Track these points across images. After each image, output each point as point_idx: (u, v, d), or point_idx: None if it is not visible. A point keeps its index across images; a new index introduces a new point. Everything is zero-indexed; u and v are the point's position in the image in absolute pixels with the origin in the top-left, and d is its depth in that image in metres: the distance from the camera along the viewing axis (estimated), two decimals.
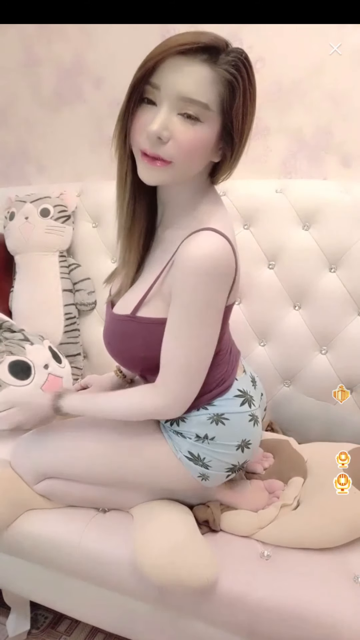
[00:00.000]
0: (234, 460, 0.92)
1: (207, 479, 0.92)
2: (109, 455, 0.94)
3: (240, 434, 0.91)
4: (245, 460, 0.94)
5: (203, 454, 0.90)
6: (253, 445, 0.93)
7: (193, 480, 0.92)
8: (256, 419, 0.94)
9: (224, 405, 0.91)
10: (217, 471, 0.91)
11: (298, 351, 1.31)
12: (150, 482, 0.95)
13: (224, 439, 0.91)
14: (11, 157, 1.82)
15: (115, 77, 1.56)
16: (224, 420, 0.90)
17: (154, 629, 0.97)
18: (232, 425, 0.91)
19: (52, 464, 0.97)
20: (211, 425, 0.90)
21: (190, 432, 0.91)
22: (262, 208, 1.34)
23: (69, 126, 1.68)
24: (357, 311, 1.26)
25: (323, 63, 1.31)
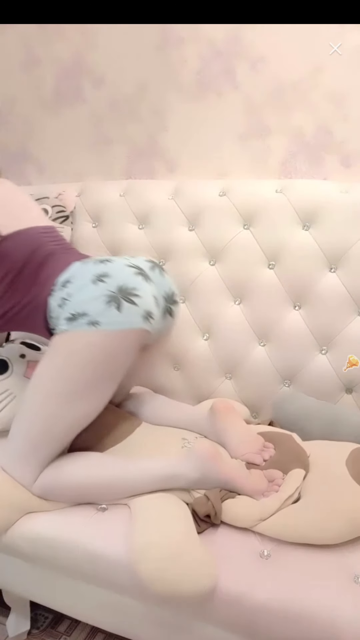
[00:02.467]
0: (100, 292, 0.95)
1: (98, 324, 0.93)
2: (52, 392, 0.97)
3: (88, 275, 0.98)
4: (118, 285, 0.96)
5: (73, 309, 0.95)
6: (111, 273, 0.98)
7: (96, 334, 0.93)
8: (103, 260, 1.02)
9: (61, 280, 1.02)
10: (96, 309, 0.94)
11: (298, 351, 1.31)
12: (91, 374, 0.96)
13: (76, 287, 0.99)
14: (11, 157, 1.82)
15: (115, 77, 1.56)
16: (67, 283, 1.01)
17: (153, 629, 0.97)
18: (77, 278, 1.00)
19: (26, 439, 0.98)
20: (59, 291, 1.00)
21: (55, 316, 1.00)
22: (262, 208, 1.34)
23: (69, 126, 1.68)
24: (357, 311, 1.26)
25: (323, 63, 1.31)
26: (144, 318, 0.97)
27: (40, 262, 1.09)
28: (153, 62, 1.49)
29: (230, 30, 1.38)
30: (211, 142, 1.49)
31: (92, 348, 0.95)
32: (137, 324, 0.97)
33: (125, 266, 1.02)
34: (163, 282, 1.10)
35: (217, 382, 1.41)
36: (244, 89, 1.41)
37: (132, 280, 0.99)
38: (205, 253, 1.41)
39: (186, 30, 1.43)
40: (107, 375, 0.98)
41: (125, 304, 0.95)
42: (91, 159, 1.68)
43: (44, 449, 0.98)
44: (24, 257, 1.08)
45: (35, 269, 1.08)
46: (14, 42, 1.66)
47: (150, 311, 0.99)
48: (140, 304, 0.97)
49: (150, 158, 1.59)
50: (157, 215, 1.47)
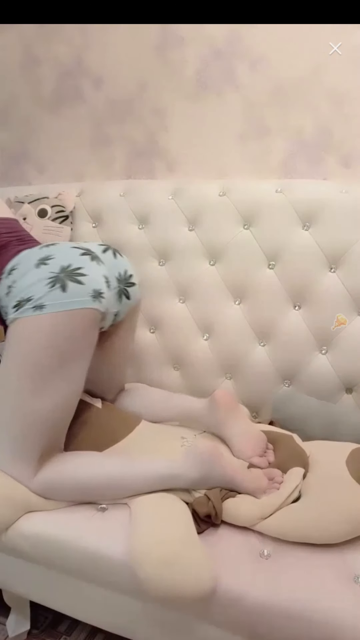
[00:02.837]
0: (43, 274, 0.94)
1: (43, 306, 0.91)
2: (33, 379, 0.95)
3: (32, 260, 0.98)
4: (61, 265, 0.95)
5: (18, 296, 0.95)
6: (55, 254, 0.97)
7: (43, 318, 0.91)
8: (49, 244, 1.02)
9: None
10: (40, 292, 0.92)
11: (298, 351, 1.31)
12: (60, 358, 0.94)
13: (20, 273, 0.99)
14: (11, 157, 1.82)
15: (115, 77, 1.56)
16: (12, 271, 1.00)
17: (153, 629, 0.97)
18: (21, 264, 1.00)
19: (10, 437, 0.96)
20: (6, 279, 1.00)
21: (4, 305, 1.00)
22: (262, 208, 1.34)
23: (69, 126, 1.68)
24: (357, 311, 1.26)
25: (323, 63, 1.31)
26: (93, 297, 0.96)
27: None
28: (153, 62, 1.49)
29: (230, 30, 1.38)
30: (211, 142, 1.49)
31: (41, 332, 0.93)
32: (86, 303, 0.95)
33: (70, 248, 1.02)
34: (117, 264, 1.09)
35: (217, 382, 1.41)
36: (244, 89, 1.41)
37: (77, 260, 0.98)
38: (205, 253, 1.41)
39: (186, 30, 1.43)
40: (67, 357, 0.95)
41: (70, 283, 0.94)
42: (91, 159, 1.68)
43: (31, 443, 0.95)
44: None
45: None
46: (14, 42, 1.66)
47: (98, 290, 0.97)
48: (87, 283, 0.95)
49: (150, 158, 1.59)
50: (157, 215, 1.47)
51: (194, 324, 1.43)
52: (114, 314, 1.07)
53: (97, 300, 0.97)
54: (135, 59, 1.52)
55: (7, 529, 0.97)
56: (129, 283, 1.12)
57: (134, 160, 1.62)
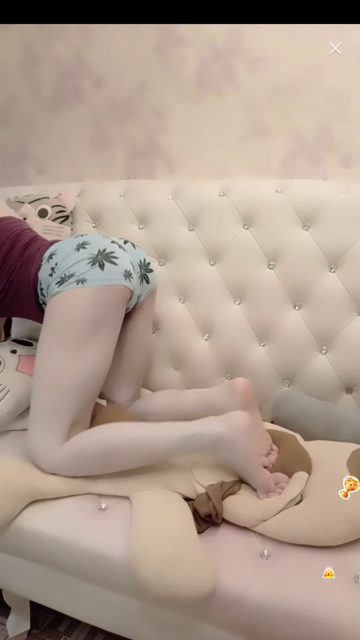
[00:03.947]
0: (83, 255, 1.07)
1: (85, 281, 1.04)
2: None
3: (71, 245, 1.11)
4: (98, 249, 1.08)
5: (62, 274, 1.07)
6: (91, 241, 1.11)
7: (84, 291, 1.04)
8: (81, 235, 1.16)
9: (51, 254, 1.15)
10: (82, 269, 1.05)
11: (298, 351, 1.31)
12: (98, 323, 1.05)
13: (61, 256, 1.11)
14: (11, 157, 1.82)
15: (115, 77, 1.56)
16: (53, 255, 1.13)
17: (153, 629, 0.97)
18: (60, 249, 1.13)
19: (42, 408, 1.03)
20: (47, 264, 1.12)
21: (47, 286, 1.11)
22: (262, 208, 1.34)
23: (69, 126, 1.68)
24: (357, 311, 1.26)
25: (323, 63, 1.31)
26: (124, 276, 1.09)
27: (24, 245, 1.21)
28: (153, 62, 1.49)
29: (230, 30, 1.38)
30: (211, 142, 1.49)
31: (82, 302, 1.04)
32: (119, 280, 1.08)
33: (101, 237, 1.16)
34: (136, 253, 1.22)
35: (217, 382, 1.41)
36: (244, 89, 1.41)
37: (110, 246, 1.11)
38: (205, 253, 1.41)
39: (186, 30, 1.43)
40: (100, 328, 1.05)
41: (107, 264, 1.07)
42: (91, 159, 1.68)
43: (61, 414, 1.01)
44: (11, 240, 1.20)
45: (20, 251, 1.19)
46: (14, 42, 1.66)
47: (129, 270, 1.11)
48: (119, 264, 1.09)
49: (150, 158, 1.59)
50: (157, 215, 1.47)
51: (194, 324, 1.43)
52: (138, 295, 1.19)
53: (127, 279, 1.10)
54: (135, 59, 1.52)
55: (13, 517, 0.97)
56: (148, 269, 1.24)
57: (134, 160, 1.62)
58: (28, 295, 1.18)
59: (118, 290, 1.08)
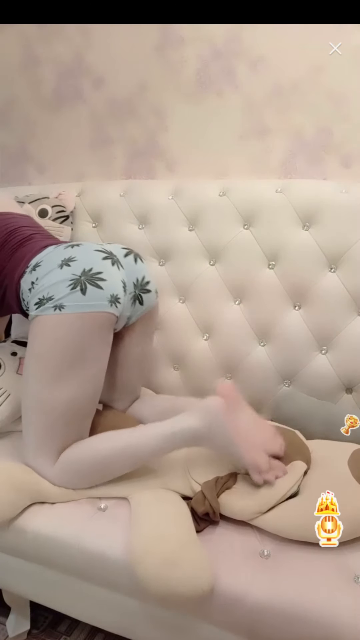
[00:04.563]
0: (65, 275, 0.99)
1: (63, 307, 0.96)
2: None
3: (56, 259, 1.02)
4: (83, 268, 0.99)
5: (40, 295, 0.99)
6: (78, 257, 1.01)
7: (62, 318, 0.96)
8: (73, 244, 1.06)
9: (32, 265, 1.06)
10: (61, 293, 0.97)
11: (298, 351, 1.31)
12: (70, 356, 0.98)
13: (43, 271, 1.02)
14: (11, 157, 1.82)
15: (115, 77, 1.56)
16: (37, 267, 1.05)
17: (153, 629, 0.97)
18: (45, 262, 1.04)
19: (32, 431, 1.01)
20: (29, 275, 1.05)
21: (27, 300, 1.05)
22: (262, 208, 1.34)
23: (69, 126, 1.68)
24: (357, 311, 1.26)
25: (323, 63, 1.31)
26: (110, 302, 1.01)
27: (15, 244, 1.14)
28: (153, 62, 1.49)
29: (230, 30, 1.38)
30: (211, 142, 1.49)
31: (59, 331, 0.98)
32: (102, 307, 1.00)
33: (93, 250, 1.05)
34: (136, 269, 1.13)
35: (217, 382, 1.41)
36: (244, 89, 1.41)
37: (98, 264, 1.02)
38: (205, 253, 1.41)
39: (186, 30, 1.43)
40: (82, 355, 0.99)
41: (89, 287, 0.98)
42: (91, 159, 1.68)
43: (51, 434, 1.00)
44: (2, 238, 1.14)
45: (10, 250, 1.13)
46: (14, 42, 1.66)
47: (116, 295, 1.02)
48: (105, 288, 1.00)
49: (150, 158, 1.59)
50: (157, 215, 1.47)
51: (194, 324, 1.43)
52: (127, 317, 1.12)
53: (113, 305, 1.01)
54: (135, 59, 1.52)
55: (15, 515, 0.97)
56: (145, 289, 1.15)
57: (134, 160, 1.62)
58: (13, 299, 1.13)
59: (100, 317, 1.00)
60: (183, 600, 0.83)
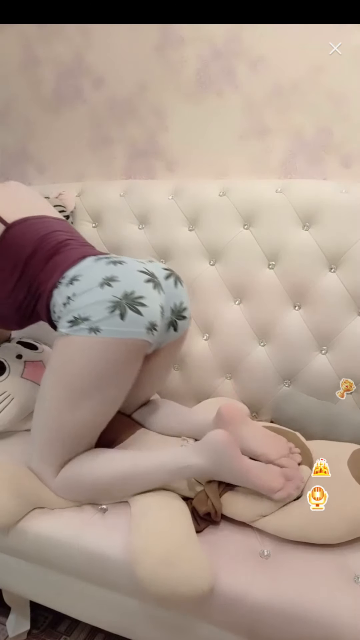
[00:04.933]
0: (105, 296, 0.93)
1: (99, 330, 0.91)
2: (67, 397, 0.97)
3: (97, 276, 0.96)
4: (125, 291, 0.94)
5: (76, 314, 0.93)
6: (120, 277, 0.95)
7: (96, 341, 0.91)
8: (116, 261, 0.99)
9: (70, 275, 1.00)
10: (99, 315, 0.91)
11: (298, 351, 1.31)
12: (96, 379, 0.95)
13: (82, 287, 0.96)
14: (11, 157, 1.82)
15: (115, 77, 1.56)
16: (74, 281, 0.97)
17: (153, 629, 0.97)
18: (84, 277, 0.97)
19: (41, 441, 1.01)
20: (65, 288, 0.98)
21: (59, 313, 0.98)
22: (262, 208, 1.34)
23: (69, 126, 1.68)
24: (357, 311, 1.26)
25: (323, 63, 1.31)
26: (147, 329, 0.95)
27: (51, 249, 1.06)
28: (153, 62, 1.49)
29: (230, 30, 1.38)
30: (211, 142, 1.49)
31: (91, 354, 0.93)
32: (140, 334, 0.94)
33: (137, 271, 0.99)
34: (175, 294, 1.07)
35: (217, 382, 1.41)
36: (244, 89, 1.41)
37: (141, 288, 0.96)
38: (205, 253, 1.41)
39: (186, 30, 1.43)
40: (108, 382, 0.96)
41: (129, 312, 0.93)
42: (91, 159, 1.68)
43: (57, 450, 0.99)
44: (33, 243, 1.06)
45: (45, 256, 1.05)
46: (14, 42, 1.66)
47: (154, 322, 0.97)
48: (145, 314, 0.94)
49: (150, 158, 1.59)
50: (157, 215, 1.47)
51: (194, 324, 1.43)
52: (158, 343, 1.07)
53: (150, 332, 0.96)
54: (135, 59, 1.52)
55: (17, 521, 0.98)
56: (181, 316, 1.09)
57: (134, 160, 1.62)
58: (42, 307, 1.06)
59: (135, 344, 0.95)
60: (182, 599, 0.83)
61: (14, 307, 1.08)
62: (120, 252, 1.52)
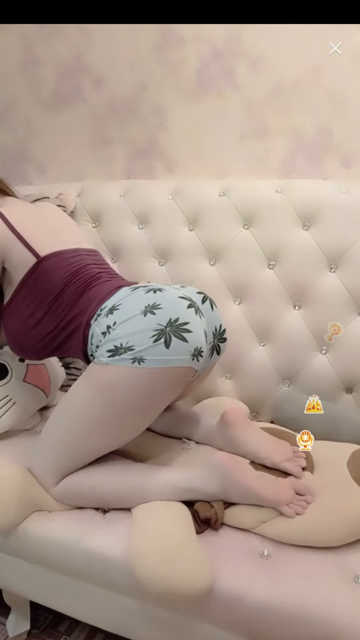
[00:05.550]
0: (148, 324, 0.89)
1: (143, 360, 0.87)
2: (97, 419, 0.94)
3: (138, 304, 0.93)
4: (169, 318, 0.90)
5: (117, 340, 0.90)
6: (163, 304, 0.92)
7: (139, 372, 0.88)
8: (154, 289, 0.97)
9: (113, 300, 0.98)
10: (143, 344, 0.88)
11: (298, 351, 1.31)
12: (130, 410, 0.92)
13: (124, 316, 0.92)
14: (11, 157, 1.82)
15: (115, 77, 1.56)
16: (114, 310, 0.95)
17: (153, 629, 0.97)
18: (125, 305, 0.94)
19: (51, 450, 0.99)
20: (105, 318, 0.95)
21: (97, 344, 0.95)
22: (262, 208, 1.34)
23: (69, 126, 1.68)
24: (357, 311, 1.26)
25: (323, 63, 1.31)
26: (192, 356, 0.92)
27: (83, 284, 1.04)
28: (153, 62, 1.49)
29: (230, 30, 1.38)
30: (211, 142, 1.49)
31: (132, 386, 0.90)
32: (185, 362, 0.91)
33: (178, 297, 0.96)
34: (214, 317, 1.04)
35: (217, 382, 1.41)
36: (244, 89, 1.41)
37: (184, 314, 0.93)
38: (205, 253, 1.41)
39: (186, 30, 1.43)
40: (144, 412, 0.94)
41: (174, 340, 0.89)
42: (91, 159, 1.68)
43: (67, 464, 0.98)
44: (64, 279, 1.04)
45: (77, 291, 1.03)
46: (14, 42, 1.66)
47: (199, 348, 0.93)
48: (190, 341, 0.91)
49: (150, 158, 1.59)
50: (157, 215, 1.47)
51: None
52: (202, 368, 1.02)
53: (195, 359, 0.93)
54: (135, 59, 1.52)
55: (18, 524, 0.98)
56: (222, 338, 1.06)
57: (134, 160, 1.62)
58: (77, 343, 1.03)
59: (180, 372, 0.92)
60: (182, 599, 0.83)
61: (36, 340, 1.06)
62: (120, 252, 1.52)
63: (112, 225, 1.54)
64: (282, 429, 1.18)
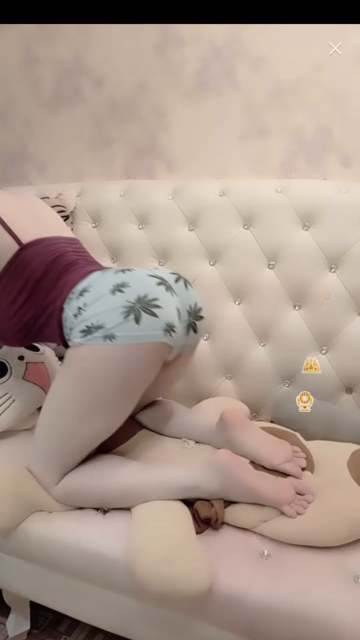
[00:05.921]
0: (118, 302, 0.91)
1: (114, 337, 0.88)
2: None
3: (107, 284, 0.95)
4: (137, 295, 0.92)
5: (88, 320, 0.91)
6: (131, 282, 0.94)
7: (113, 349, 0.89)
8: (123, 269, 0.99)
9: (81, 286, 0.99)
10: (113, 321, 0.89)
11: (298, 351, 1.31)
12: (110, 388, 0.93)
13: (92, 296, 0.94)
14: (11, 157, 1.82)
15: (115, 77, 1.56)
16: (84, 292, 0.96)
17: (153, 629, 0.97)
18: (94, 287, 0.96)
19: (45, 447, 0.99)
20: (76, 300, 0.96)
21: (70, 326, 0.96)
22: (262, 208, 1.34)
23: (69, 126, 1.68)
24: (357, 311, 1.26)
25: (323, 63, 1.31)
26: (165, 331, 0.92)
27: (60, 270, 1.05)
28: (153, 62, 1.49)
29: (230, 30, 1.38)
30: (211, 142, 1.49)
31: (107, 364, 0.90)
32: (157, 337, 0.91)
33: (147, 275, 0.98)
34: (188, 295, 1.04)
35: (217, 382, 1.41)
36: (244, 89, 1.41)
37: (154, 290, 0.94)
38: (205, 253, 1.41)
39: (186, 30, 1.43)
40: (125, 391, 0.94)
41: (144, 315, 0.90)
42: (91, 159, 1.68)
43: (63, 458, 0.98)
44: (44, 265, 1.04)
45: (54, 277, 1.04)
46: (14, 42, 1.66)
47: (171, 323, 0.94)
48: (161, 316, 0.92)
49: (150, 158, 1.59)
50: (157, 215, 1.47)
51: None
52: (180, 347, 1.03)
53: (168, 334, 0.93)
54: (135, 59, 1.52)
55: (18, 525, 0.98)
56: (198, 316, 1.06)
57: (134, 160, 1.62)
58: (54, 327, 1.04)
59: (154, 348, 0.92)
60: (181, 598, 0.83)
61: (18, 327, 1.06)
62: (120, 252, 1.52)
63: (112, 225, 1.54)
64: (282, 429, 1.17)
